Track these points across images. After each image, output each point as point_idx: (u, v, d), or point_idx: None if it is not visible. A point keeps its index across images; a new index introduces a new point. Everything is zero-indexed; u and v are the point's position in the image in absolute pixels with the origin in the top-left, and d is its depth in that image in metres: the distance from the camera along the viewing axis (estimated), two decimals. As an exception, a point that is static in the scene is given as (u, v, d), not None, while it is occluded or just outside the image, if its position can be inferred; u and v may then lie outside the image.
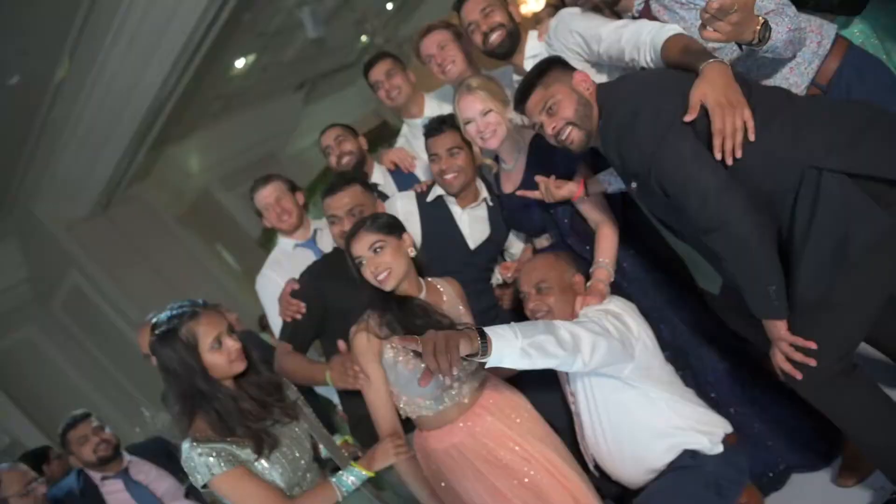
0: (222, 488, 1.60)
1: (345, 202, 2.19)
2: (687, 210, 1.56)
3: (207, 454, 1.59)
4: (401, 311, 1.85)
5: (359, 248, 1.86)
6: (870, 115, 1.54)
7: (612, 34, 1.97)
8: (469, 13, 2.26)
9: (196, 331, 1.64)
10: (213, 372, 1.66)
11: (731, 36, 1.50)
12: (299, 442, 1.78)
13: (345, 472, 1.76)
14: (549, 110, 1.77)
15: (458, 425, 1.88)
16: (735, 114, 1.51)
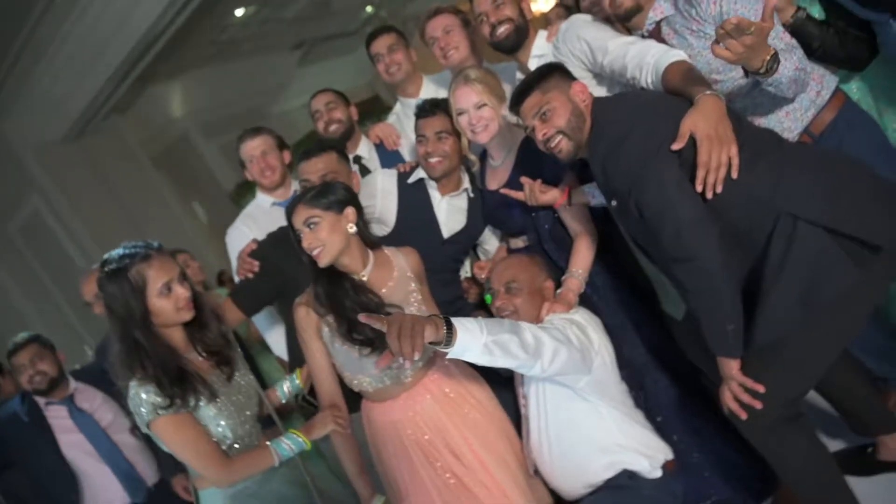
0: (164, 431, 1.58)
1: (318, 167, 2.16)
2: (660, 236, 1.57)
3: (154, 395, 1.57)
4: (331, 288, 1.83)
5: (296, 221, 1.83)
6: (855, 172, 1.57)
7: (618, 49, 1.96)
8: (480, 3, 2.24)
9: (146, 274, 1.61)
10: (159, 318, 1.64)
11: (741, 57, 1.50)
12: (247, 394, 1.78)
13: (284, 437, 1.74)
14: (543, 116, 1.76)
15: (398, 403, 1.89)
16: (722, 149, 1.52)
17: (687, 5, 1.86)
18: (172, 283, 1.64)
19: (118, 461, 2.77)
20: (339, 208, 1.84)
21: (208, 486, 1.72)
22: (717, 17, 1.78)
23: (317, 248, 1.80)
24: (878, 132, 1.84)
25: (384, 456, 1.91)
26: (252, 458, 1.69)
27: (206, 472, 1.63)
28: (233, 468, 1.64)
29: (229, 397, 1.71)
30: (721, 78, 1.83)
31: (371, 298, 1.83)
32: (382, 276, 1.92)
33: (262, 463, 1.70)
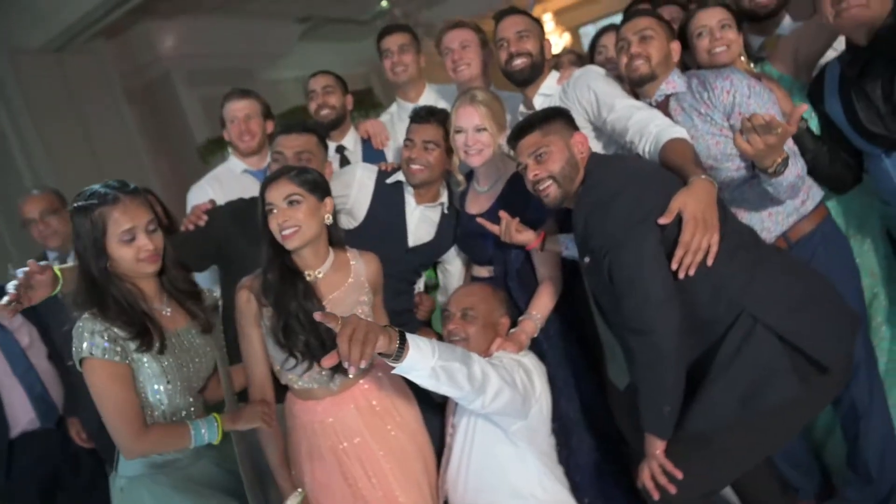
0: (94, 374, 1.51)
1: (296, 144, 2.11)
2: (624, 303, 1.57)
3: (101, 334, 1.49)
4: (281, 284, 1.75)
5: (275, 194, 1.74)
6: (821, 290, 1.61)
7: (624, 109, 1.98)
8: (505, 29, 2.23)
9: (108, 217, 1.54)
10: (119, 265, 1.56)
11: (758, 154, 1.54)
12: (200, 366, 1.70)
13: (204, 421, 1.65)
14: (539, 157, 1.75)
15: (321, 405, 1.84)
16: (705, 234, 1.54)
17: (700, 87, 1.88)
18: (136, 231, 1.56)
19: (33, 383, 2.65)
20: (321, 195, 1.79)
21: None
22: (728, 107, 1.81)
23: (292, 227, 1.72)
24: (849, 254, 1.90)
25: (298, 453, 1.86)
26: (168, 433, 1.60)
27: (116, 433, 1.53)
28: (145, 439, 1.54)
29: (179, 361, 1.62)
30: (717, 165, 1.86)
31: (314, 306, 1.75)
32: (336, 279, 1.85)
33: (176, 442, 1.61)
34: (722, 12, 2.00)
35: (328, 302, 1.80)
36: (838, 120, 1.82)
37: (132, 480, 1.61)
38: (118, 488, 1.64)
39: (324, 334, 1.74)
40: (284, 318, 1.74)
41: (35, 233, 2.65)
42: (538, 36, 2.24)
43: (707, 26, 1.99)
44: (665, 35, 1.96)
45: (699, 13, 2.02)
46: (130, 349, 1.54)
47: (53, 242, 2.66)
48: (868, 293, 1.96)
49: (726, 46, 1.97)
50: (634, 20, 1.99)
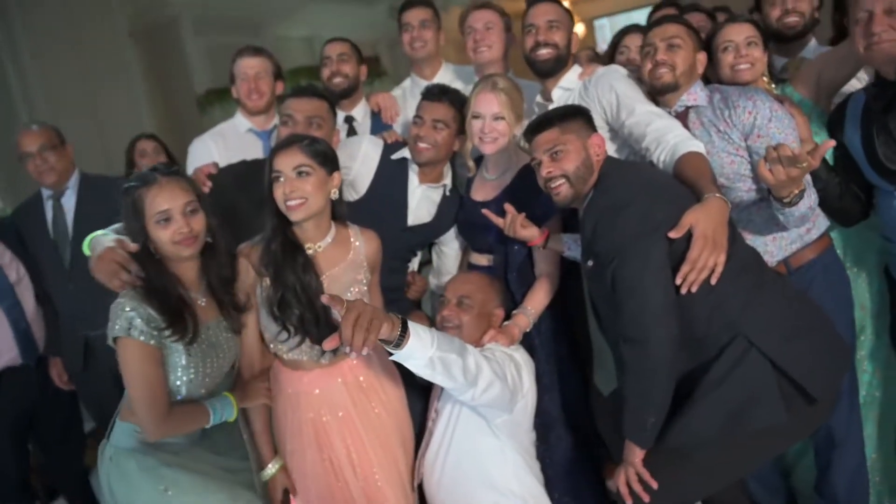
0: (125, 353, 1.51)
1: (307, 108, 2.06)
2: (623, 311, 1.57)
3: (138, 315, 1.49)
4: (283, 255, 1.73)
5: (284, 162, 1.70)
6: (817, 321, 1.62)
7: (644, 115, 1.96)
8: (536, 16, 2.20)
9: (145, 198, 1.55)
10: (157, 247, 1.57)
11: (779, 184, 1.55)
12: (222, 363, 1.70)
13: (218, 400, 1.66)
14: (554, 154, 1.73)
15: (309, 376, 1.83)
16: (713, 253, 1.54)
17: (722, 104, 1.87)
18: (173, 212, 1.56)
19: (18, 319, 2.62)
20: (330, 169, 1.76)
21: (130, 421, 1.62)
22: (748, 128, 1.81)
23: (298, 199, 1.69)
24: (846, 286, 1.91)
25: (279, 422, 1.85)
26: (190, 414, 1.61)
27: (144, 413, 1.52)
28: (169, 422, 1.55)
29: (204, 355, 1.62)
30: (728, 185, 1.85)
31: (312, 280, 1.74)
32: (335, 255, 1.83)
33: (197, 422, 1.63)
34: (750, 29, 1.98)
35: (326, 277, 1.79)
36: (855, 151, 1.82)
37: (122, 451, 1.61)
38: (107, 457, 1.63)
39: (319, 310, 1.73)
40: (281, 290, 1.72)
41: (31, 167, 2.60)
42: (568, 28, 2.21)
43: (733, 42, 1.97)
44: (693, 45, 1.94)
45: (727, 27, 2.00)
46: (164, 334, 1.54)
47: (49, 179, 2.61)
48: (857, 325, 1.98)
49: (750, 64, 1.96)
50: (664, 26, 1.95)
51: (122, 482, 1.58)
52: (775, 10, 2.25)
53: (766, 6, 2.29)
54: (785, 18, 2.23)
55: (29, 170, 2.61)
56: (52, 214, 2.66)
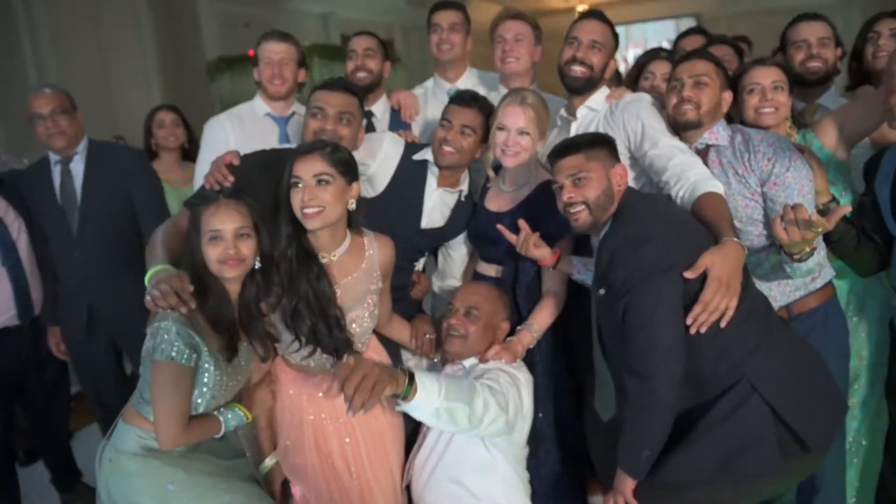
0: (163, 374, 1.51)
1: (339, 102, 2.01)
2: (631, 345, 1.59)
3: (182, 340, 1.51)
4: (298, 261, 1.72)
5: (304, 169, 1.68)
6: (818, 371, 1.65)
7: (667, 149, 1.97)
8: (581, 30, 2.20)
9: (202, 215, 1.60)
10: (206, 263, 1.60)
11: (792, 244, 1.57)
12: (241, 377, 1.71)
13: (228, 409, 1.69)
14: (577, 181, 1.74)
15: (313, 380, 1.83)
16: (725, 297, 1.56)
17: (743, 147, 1.89)
18: (224, 233, 1.60)
19: (19, 277, 2.60)
20: (350, 179, 1.75)
21: (137, 425, 1.63)
22: (765, 175, 1.83)
23: (315, 207, 1.68)
24: (845, 336, 1.95)
25: (279, 419, 1.87)
26: (203, 425, 1.63)
27: (164, 428, 1.53)
28: (187, 434, 1.57)
29: (226, 377, 1.63)
30: (741, 227, 1.87)
31: (326, 291, 1.74)
32: (350, 264, 1.83)
33: (208, 433, 1.64)
34: (778, 73, 1.99)
35: (340, 287, 1.79)
36: (883, 203, 1.83)
37: (123, 453, 1.62)
38: (107, 458, 1.64)
39: (332, 320, 1.74)
40: (295, 300, 1.72)
41: (41, 129, 2.56)
42: (609, 53, 2.20)
43: (760, 84, 1.99)
44: (720, 84, 1.95)
45: (755, 69, 2.01)
46: (203, 354, 1.56)
47: (58, 143, 2.58)
48: (851, 374, 2.02)
49: (775, 108, 1.98)
50: (694, 62, 1.97)
51: (123, 483, 1.59)
52: (800, 54, 2.28)
53: (791, 49, 2.32)
54: (808, 63, 2.26)
55: (38, 132, 2.57)
56: (60, 180, 2.63)
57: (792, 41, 2.32)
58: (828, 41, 2.27)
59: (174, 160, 3.18)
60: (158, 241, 1.75)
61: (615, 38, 2.26)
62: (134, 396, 1.66)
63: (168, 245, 1.74)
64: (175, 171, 3.13)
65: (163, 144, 3.15)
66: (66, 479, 2.94)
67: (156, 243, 1.75)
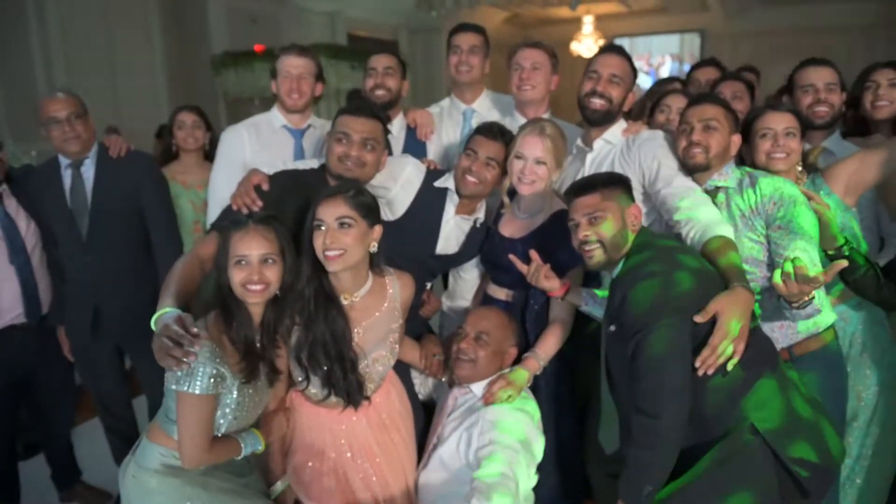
0: (189, 403, 1.55)
1: (365, 128, 2.02)
2: (639, 383, 1.63)
3: (210, 373, 1.54)
4: (317, 301, 1.75)
5: (327, 212, 1.71)
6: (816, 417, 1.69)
7: (680, 189, 2.02)
8: (601, 64, 2.23)
9: (231, 239, 1.63)
10: (231, 285, 1.63)
11: (791, 296, 1.61)
12: (261, 401, 1.75)
13: (248, 433, 1.72)
14: (593, 219, 1.78)
15: (333, 414, 1.86)
16: (734, 342, 1.61)
17: (750, 190, 1.93)
18: (250, 258, 1.63)
19: (27, 277, 2.61)
20: (372, 221, 1.78)
21: (160, 443, 1.67)
22: (772, 219, 1.88)
23: (337, 250, 1.70)
24: (844, 379, 2.00)
25: (295, 445, 1.89)
26: (224, 447, 1.66)
27: (188, 448, 1.57)
28: (209, 456, 1.61)
29: (246, 400, 1.67)
30: (746, 269, 1.90)
31: (345, 334, 1.77)
32: (371, 305, 1.86)
33: (228, 455, 1.68)
34: (790, 119, 2.03)
35: (362, 328, 1.82)
36: None
37: (145, 470, 1.66)
38: (130, 474, 1.68)
39: (347, 364, 1.76)
40: (311, 341, 1.74)
41: (57, 133, 2.54)
42: (627, 87, 2.24)
43: (773, 130, 2.03)
44: (729, 128, 1.99)
45: (768, 114, 2.05)
46: (227, 379, 1.59)
47: (74, 147, 2.57)
48: (850, 414, 2.08)
49: (786, 154, 2.02)
50: (703, 106, 2.01)
51: (144, 499, 1.63)
52: (807, 98, 2.33)
53: (799, 92, 2.37)
54: (815, 107, 2.31)
55: (53, 136, 2.55)
56: (71, 184, 2.62)
57: (799, 85, 2.37)
58: (834, 87, 2.33)
59: (193, 161, 3.15)
60: (173, 278, 1.74)
61: (633, 72, 2.30)
62: (159, 414, 1.69)
63: (183, 280, 1.73)
64: (193, 172, 3.11)
65: (182, 146, 3.13)
66: (67, 477, 2.97)
67: (170, 279, 1.73)
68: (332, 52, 8.57)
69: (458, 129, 2.80)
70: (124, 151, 2.69)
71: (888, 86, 2.36)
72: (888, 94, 2.36)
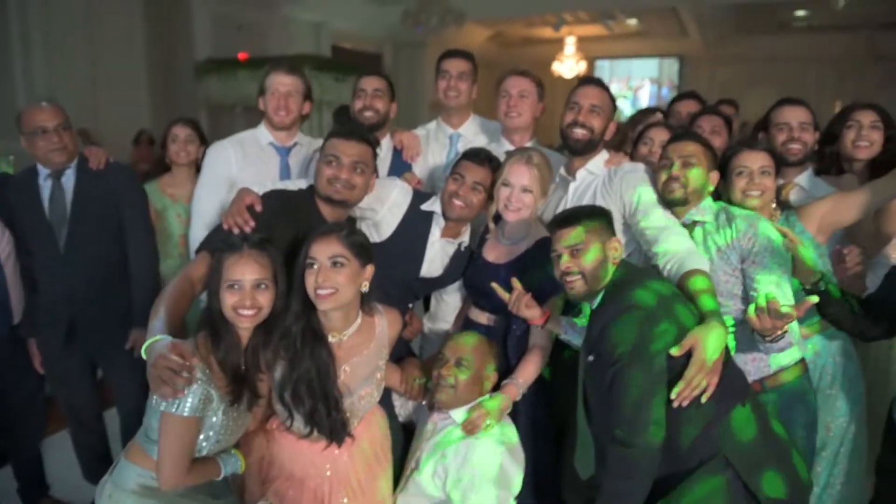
0: (174, 424, 1.54)
1: (355, 152, 2.05)
2: (615, 414, 1.67)
3: (199, 395, 1.54)
4: (304, 337, 1.75)
5: (320, 251, 1.72)
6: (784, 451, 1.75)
7: (658, 222, 2.07)
8: (581, 96, 2.30)
9: (224, 262, 1.63)
10: (221, 307, 1.63)
11: (765, 330, 1.67)
12: (243, 424, 1.75)
13: (228, 455, 1.73)
14: (575, 252, 1.82)
15: (315, 447, 1.86)
16: (707, 375, 1.66)
17: (726, 225, 2.00)
18: (243, 283, 1.63)
19: (1, 288, 2.58)
20: (364, 261, 1.79)
21: (137, 463, 1.66)
22: (745, 253, 1.94)
23: (329, 289, 1.71)
24: (814, 412, 2.06)
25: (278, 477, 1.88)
26: (203, 469, 1.66)
27: (167, 469, 1.56)
28: (187, 477, 1.60)
29: (234, 421, 1.67)
30: (721, 302, 1.95)
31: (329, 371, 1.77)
32: (359, 344, 1.87)
33: (208, 476, 1.68)
34: (766, 158, 2.10)
35: (349, 365, 1.83)
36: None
37: (123, 490, 1.65)
38: (106, 494, 1.67)
39: (332, 403, 1.76)
40: (296, 379, 1.74)
41: (43, 144, 2.49)
42: (608, 117, 2.29)
43: (749, 168, 2.09)
44: (707, 164, 2.06)
45: (744, 153, 2.11)
46: (215, 401, 1.58)
47: (60, 158, 2.52)
48: (819, 444, 2.14)
49: (761, 192, 2.08)
50: (683, 143, 2.08)
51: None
52: (782, 135, 2.42)
53: (774, 129, 2.46)
54: (789, 145, 2.40)
55: (38, 146, 2.49)
56: (50, 194, 2.57)
57: (775, 123, 2.46)
58: (807, 126, 2.42)
59: (185, 175, 3.10)
60: (163, 301, 1.72)
61: (613, 102, 2.37)
62: (139, 433, 1.68)
63: (174, 303, 1.72)
64: (183, 186, 3.06)
65: (174, 159, 3.09)
66: (34, 492, 2.91)
67: (159, 305, 1.71)
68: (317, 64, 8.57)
69: (444, 153, 2.84)
70: (103, 163, 2.66)
71: (870, 127, 2.44)
72: (869, 136, 2.44)
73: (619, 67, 14.16)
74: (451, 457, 1.95)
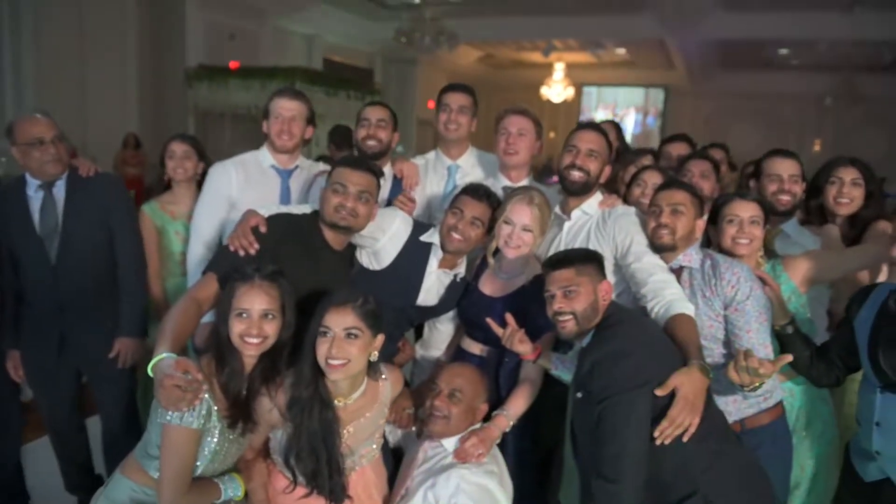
0: (173, 437, 1.57)
1: (361, 182, 2.11)
2: (601, 449, 1.74)
3: (202, 407, 1.58)
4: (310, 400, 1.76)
5: (335, 321, 1.74)
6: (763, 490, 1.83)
7: (649, 265, 2.16)
8: (579, 139, 2.38)
9: (235, 291, 1.67)
10: (229, 333, 1.67)
11: (743, 384, 1.78)
12: (239, 450, 1.78)
13: (229, 478, 1.76)
14: (567, 293, 1.90)
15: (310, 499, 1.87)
16: (689, 415, 1.74)
17: (711, 272, 2.09)
18: (251, 313, 1.67)
19: None
20: (376, 331, 1.82)
21: (132, 478, 1.69)
22: (728, 300, 2.04)
23: (342, 360, 1.73)
24: (790, 452, 2.15)
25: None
26: (204, 490, 1.69)
27: (168, 486, 1.59)
28: (186, 498, 1.63)
29: (231, 443, 1.71)
30: (704, 345, 2.04)
31: (334, 436, 1.79)
32: (364, 406, 1.91)
33: (209, 498, 1.71)
34: (755, 209, 2.20)
35: (352, 427, 1.88)
36: (860, 336, 1.91)
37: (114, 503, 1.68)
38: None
39: (334, 468, 1.80)
40: (297, 444, 1.77)
41: (38, 155, 2.47)
42: (604, 161, 2.38)
43: (739, 217, 2.19)
44: (695, 212, 2.16)
45: (736, 202, 2.21)
46: (214, 417, 1.62)
47: (54, 169, 2.52)
48: (793, 482, 2.23)
49: (749, 241, 2.18)
50: (672, 191, 2.18)
51: None
52: (773, 185, 2.54)
53: (765, 179, 2.58)
54: (779, 195, 2.52)
55: (33, 156, 2.47)
56: (41, 205, 2.56)
57: (766, 173, 2.58)
58: (797, 178, 2.54)
59: (184, 192, 3.05)
60: (169, 323, 1.75)
61: (609, 147, 2.46)
62: (138, 448, 1.71)
63: (180, 324, 1.75)
64: (184, 203, 3.03)
65: (172, 176, 3.05)
66: (14, 502, 2.88)
67: (166, 324, 1.75)
68: (308, 77, 8.63)
69: (442, 183, 2.91)
70: (93, 172, 2.66)
71: (851, 184, 2.57)
72: (850, 193, 2.57)
73: (607, 94, 14.43)
74: (442, 485, 1.99)
